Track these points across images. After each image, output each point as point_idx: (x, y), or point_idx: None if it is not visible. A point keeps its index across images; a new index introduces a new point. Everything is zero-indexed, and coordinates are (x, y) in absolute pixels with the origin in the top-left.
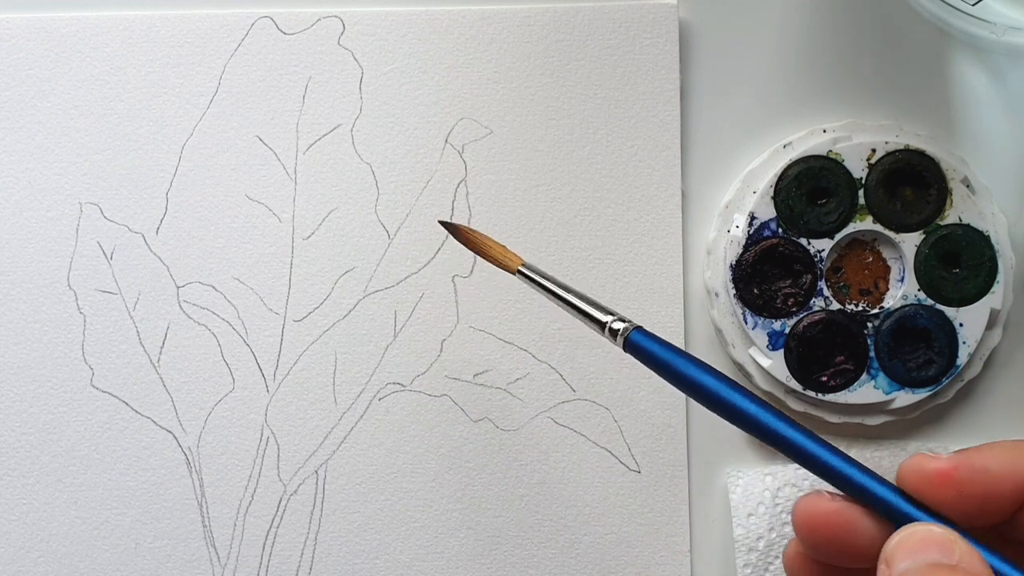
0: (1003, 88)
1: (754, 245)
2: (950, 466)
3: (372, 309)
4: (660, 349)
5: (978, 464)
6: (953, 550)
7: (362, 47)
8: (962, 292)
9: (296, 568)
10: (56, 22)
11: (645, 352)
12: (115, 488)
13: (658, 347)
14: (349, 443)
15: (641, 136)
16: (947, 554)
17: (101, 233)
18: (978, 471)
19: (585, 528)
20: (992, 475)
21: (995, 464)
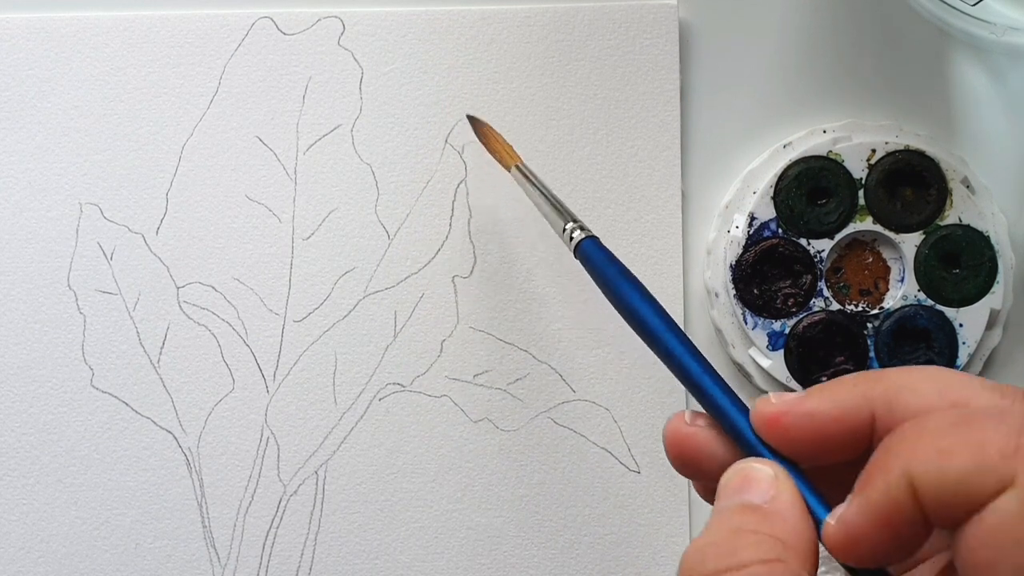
0: (1003, 88)
1: (754, 245)
2: (779, 412)
3: (372, 309)
4: (604, 263)
5: (805, 408)
6: (767, 490)
7: (362, 47)
8: (962, 292)
9: (296, 568)
10: (56, 22)
11: (591, 262)
12: (115, 488)
13: (604, 260)
14: (349, 443)
15: (641, 136)
16: (761, 494)
17: (101, 233)
18: (804, 415)
19: (585, 528)
20: (817, 420)
21: (822, 409)
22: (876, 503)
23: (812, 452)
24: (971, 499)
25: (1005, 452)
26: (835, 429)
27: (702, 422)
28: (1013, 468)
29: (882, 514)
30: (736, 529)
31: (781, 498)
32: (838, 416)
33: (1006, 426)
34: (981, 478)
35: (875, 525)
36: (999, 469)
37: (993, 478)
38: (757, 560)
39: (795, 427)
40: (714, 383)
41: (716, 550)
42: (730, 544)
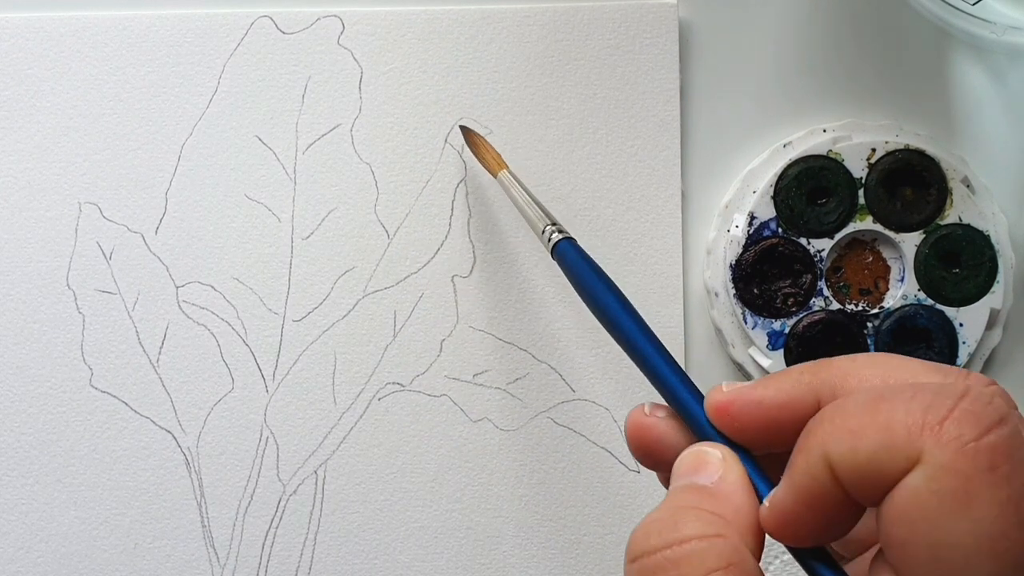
0: (1003, 88)
1: (754, 245)
2: (729, 399)
3: (371, 309)
4: (580, 263)
5: (753, 397)
6: (715, 472)
7: (361, 47)
8: (962, 292)
9: (295, 568)
10: (55, 22)
11: (565, 260)
12: (114, 488)
13: (579, 261)
14: (348, 443)
15: (641, 136)
16: (709, 476)
17: (100, 233)
18: (753, 405)
19: (584, 528)
20: (765, 408)
21: (768, 397)
22: (799, 484)
23: (763, 438)
24: (883, 477)
25: (911, 429)
26: (782, 415)
27: (661, 413)
28: (920, 445)
29: (806, 494)
30: (680, 506)
31: (727, 479)
32: (784, 402)
33: (915, 403)
34: (890, 456)
35: (802, 505)
36: (906, 447)
37: (901, 456)
38: (697, 535)
39: (744, 414)
40: (672, 372)
41: (660, 526)
42: (673, 520)
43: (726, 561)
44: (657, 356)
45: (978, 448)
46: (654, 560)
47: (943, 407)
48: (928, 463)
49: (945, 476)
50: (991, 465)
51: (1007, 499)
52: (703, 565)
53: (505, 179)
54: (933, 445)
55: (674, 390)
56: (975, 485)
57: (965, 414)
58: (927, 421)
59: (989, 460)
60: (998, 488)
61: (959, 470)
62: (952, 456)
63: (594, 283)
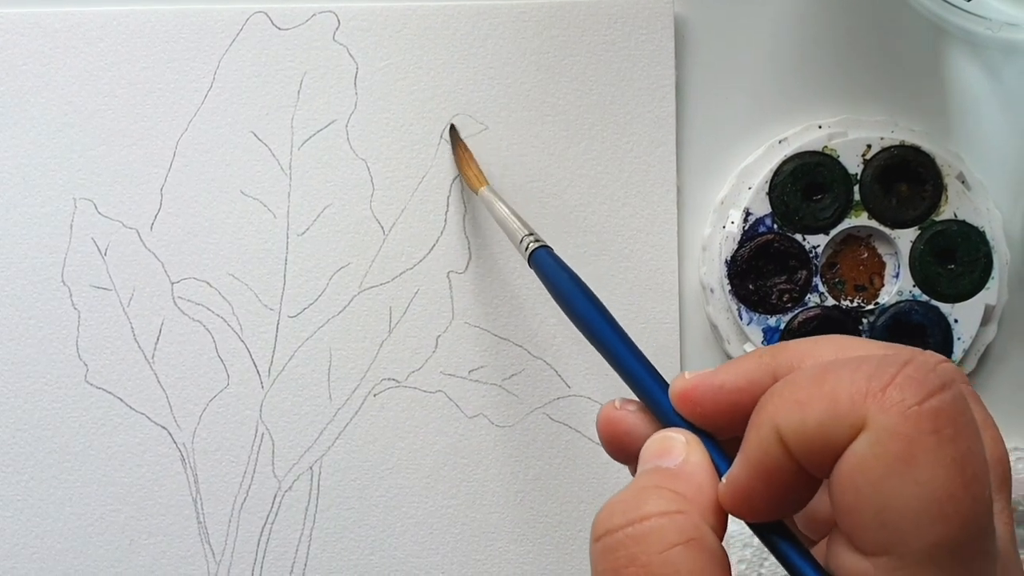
0: (999, 84)
1: (749, 241)
2: (691, 385)
3: (367, 305)
4: (555, 271)
5: (715, 382)
6: (678, 455)
7: (357, 42)
8: (957, 288)
9: (291, 564)
10: (50, 17)
11: (543, 270)
12: (109, 484)
13: (555, 269)
14: (344, 439)
15: (636, 132)
16: (673, 459)
17: (95, 229)
18: (714, 389)
19: (580, 524)
20: (726, 391)
21: (729, 381)
22: (753, 458)
23: (726, 422)
24: (830, 446)
25: (855, 397)
26: (743, 398)
27: (632, 407)
28: (864, 411)
29: (760, 468)
30: (643, 487)
31: (690, 460)
32: (744, 386)
33: (859, 373)
34: (835, 424)
35: (756, 480)
36: (850, 414)
37: (846, 423)
38: (658, 511)
39: (707, 399)
40: (637, 362)
41: (623, 506)
42: (635, 499)
43: (687, 536)
44: (621, 346)
45: (921, 412)
46: (616, 538)
47: (886, 374)
48: (872, 428)
49: (889, 440)
50: (934, 428)
51: (951, 461)
52: (664, 540)
53: (486, 196)
54: (876, 411)
55: (639, 380)
56: (919, 448)
57: (907, 380)
58: (870, 388)
59: (932, 423)
60: (942, 450)
61: (902, 433)
62: (895, 420)
63: (565, 285)
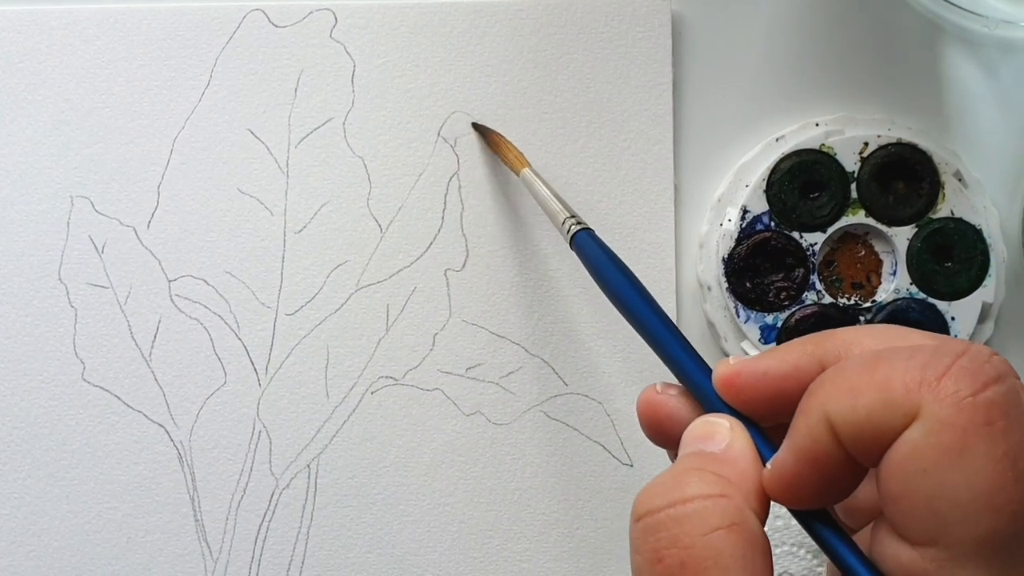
0: (995, 82)
1: (746, 239)
2: (735, 371)
3: (364, 303)
4: (597, 254)
5: (759, 368)
6: (722, 440)
7: (354, 40)
8: (954, 286)
9: (288, 562)
10: (47, 15)
11: (585, 253)
12: (107, 482)
13: (597, 252)
14: (341, 437)
15: (634, 130)
16: (716, 444)
17: (92, 227)
18: (759, 376)
19: (578, 522)
20: (771, 378)
21: (773, 367)
22: (801, 445)
23: (770, 409)
24: (882, 434)
25: (909, 386)
26: (788, 385)
27: (673, 391)
28: (918, 400)
29: (808, 455)
30: (686, 469)
31: (734, 445)
32: (789, 372)
33: (913, 362)
34: (888, 412)
35: (804, 466)
36: (904, 403)
37: (899, 412)
38: (701, 494)
39: (751, 385)
40: (681, 348)
41: (664, 487)
42: (677, 481)
43: (729, 520)
44: (666, 332)
45: (975, 403)
46: (657, 519)
47: (941, 364)
48: (925, 418)
49: (942, 430)
50: (988, 420)
51: (1003, 454)
52: (706, 524)
53: (528, 176)
54: (931, 400)
55: (683, 364)
56: (972, 439)
57: (962, 371)
58: (925, 377)
59: (986, 415)
60: (994, 443)
61: (956, 424)
62: (949, 411)
63: (607, 268)
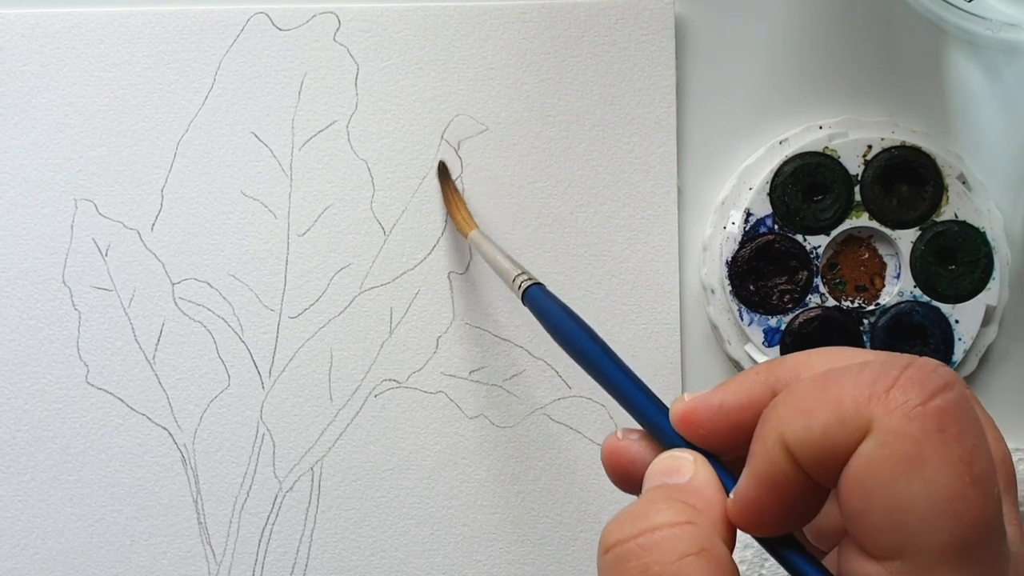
0: (999, 84)
1: (750, 241)
2: (688, 409)
3: (368, 306)
4: (549, 306)
5: (714, 402)
6: (686, 472)
7: (358, 43)
8: (958, 288)
9: (292, 565)
10: (51, 18)
11: (537, 307)
12: (110, 485)
13: (549, 304)
14: (344, 440)
15: (637, 132)
16: (680, 476)
17: (96, 229)
18: (714, 409)
19: (581, 525)
20: (726, 411)
21: (728, 400)
22: (760, 471)
23: (729, 442)
24: (837, 451)
25: (859, 401)
26: (743, 416)
27: (634, 436)
28: (869, 414)
29: (767, 480)
30: (652, 499)
31: (699, 477)
32: (744, 403)
33: (862, 377)
34: (841, 429)
35: (765, 492)
36: (856, 418)
37: (852, 427)
38: (669, 522)
39: (707, 420)
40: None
41: (632, 517)
42: (645, 510)
43: (698, 547)
44: (622, 375)
45: (926, 411)
46: (626, 548)
47: (888, 377)
48: (878, 430)
49: (895, 441)
50: (940, 427)
51: (958, 459)
52: (675, 551)
53: (476, 238)
54: (881, 412)
55: (640, 406)
56: (925, 447)
57: (910, 381)
58: (874, 391)
59: (937, 422)
60: (948, 449)
61: (908, 434)
62: (900, 421)
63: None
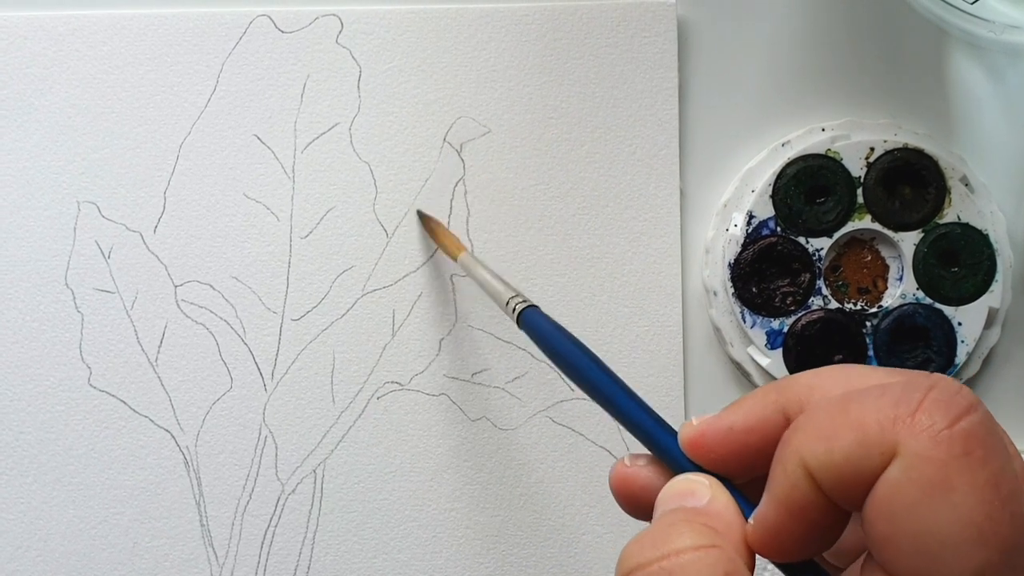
0: (1002, 86)
1: (752, 244)
2: (700, 432)
3: (370, 308)
4: (548, 329)
5: (723, 425)
6: (703, 496)
7: (360, 45)
8: (960, 291)
9: (294, 568)
10: (53, 20)
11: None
12: (113, 487)
13: (547, 327)
14: (347, 442)
15: (639, 135)
16: (697, 499)
17: (99, 232)
18: (724, 432)
19: (584, 527)
20: (736, 433)
21: (738, 422)
22: (781, 495)
23: (740, 464)
24: (861, 476)
25: (884, 424)
26: (754, 439)
27: (642, 461)
28: (894, 438)
29: (789, 505)
30: (673, 522)
31: (718, 499)
32: (754, 425)
33: (885, 400)
34: (865, 453)
35: (786, 517)
36: (880, 442)
37: (876, 451)
38: (693, 546)
39: (718, 443)
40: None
41: (653, 540)
42: (666, 533)
43: (722, 571)
44: (627, 399)
45: (952, 435)
46: (648, 572)
47: (913, 400)
48: (904, 455)
49: (922, 465)
50: (966, 450)
51: (985, 482)
52: (699, 574)
53: (466, 261)
54: (907, 436)
55: (648, 430)
56: (952, 471)
57: (935, 403)
58: (899, 414)
59: (964, 446)
60: (975, 472)
61: (935, 458)
62: (927, 444)
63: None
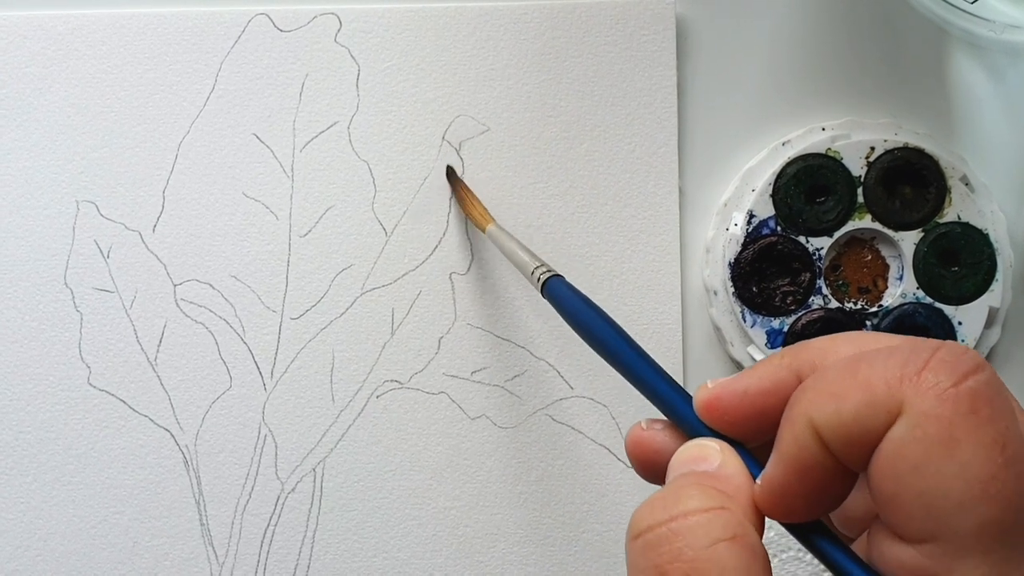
0: (1002, 86)
1: (753, 243)
2: (713, 396)
3: (369, 307)
4: (570, 298)
5: (738, 388)
6: (714, 460)
7: (359, 44)
8: (961, 290)
9: (294, 566)
10: (52, 20)
11: (557, 299)
12: (112, 487)
13: (569, 296)
14: (346, 441)
15: (638, 133)
16: (708, 464)
17: (98, 231)
18: (739, 395)
19: (583, 525)
20: (751, 396)
21: (753, 385)
22: (788, 455)
23: (754, 428)
24: (868, 434)
25: (891, 383)
26: (769, 401)
27: (658, 426)
28: (900, 396)
29: (796, 465)
30: (683, 485)
31: (727, 464)
32: (768, 388)
33: (892, 360)
34: (872, 412)
35: (793, 477)
36: (887, 400)
37: (883, 410)
38: (702, 507)
39: (732, 406)
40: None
41: (664, 503)
42: (676, 496)
43: (731, 532)
44: (646, 366)
45: (958, 393)
46: (658, 534)
47: (920, 359)
48: (909, 413)
49: (927, 423)
50: (972, 408)
51: (992, 441)
52: (708, 536)
53: (493, 232)
54: (913, 394)
55: (664, 396)
56: (958, 429)
57: (942, 363)
58: (905, 373)
59: (970, 404)
60: (981, 430)
61: (941, 416)
62: (933, 403)
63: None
